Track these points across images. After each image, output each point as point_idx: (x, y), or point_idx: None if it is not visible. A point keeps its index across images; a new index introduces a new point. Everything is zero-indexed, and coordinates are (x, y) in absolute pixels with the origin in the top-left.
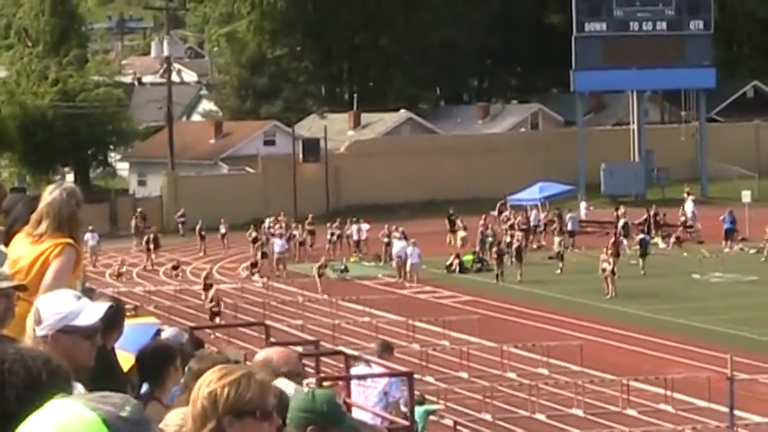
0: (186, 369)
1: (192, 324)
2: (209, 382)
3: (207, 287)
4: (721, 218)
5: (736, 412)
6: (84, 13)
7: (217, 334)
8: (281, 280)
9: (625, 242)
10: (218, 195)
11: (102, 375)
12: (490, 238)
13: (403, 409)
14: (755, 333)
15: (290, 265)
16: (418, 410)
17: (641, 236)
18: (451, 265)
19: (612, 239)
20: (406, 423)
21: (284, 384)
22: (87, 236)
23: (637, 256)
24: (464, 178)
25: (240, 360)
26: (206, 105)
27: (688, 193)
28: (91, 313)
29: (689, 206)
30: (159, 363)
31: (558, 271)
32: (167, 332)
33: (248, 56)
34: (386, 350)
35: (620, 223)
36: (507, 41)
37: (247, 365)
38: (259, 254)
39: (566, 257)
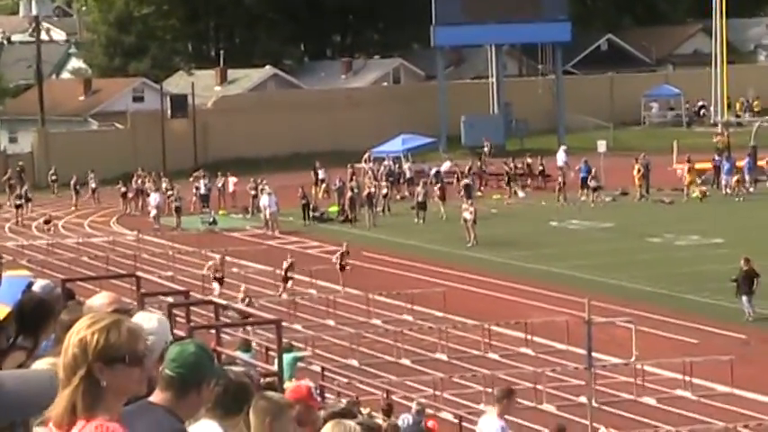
0: (58, 321)
1: (64, 276)
2: (78, 330)
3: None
4: (577, 167)
5: (594, 354)
6: None
7: (88, 286)
8: (157, 233)
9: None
10: (88, 151)
11: None
12: (356, 190)
13: None
14: (611, 278)
15: (162, 219)
16: (286, 357)
17: (465, 181)
18: (315, 213)
19: (438, 185)
20: (274, 369)
21: (147, 318)
22: None
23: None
24: (328, 132)
25: None
26: (75, 63)
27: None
28: None
29: (561, 156)
30: (39, 318)
31: (421, 221)
32: (39, 284)
33: (116, 14)
34: (507, 396)
35: (432, 172)
36: None
37: (112, 314)
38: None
39: (428, 207)
